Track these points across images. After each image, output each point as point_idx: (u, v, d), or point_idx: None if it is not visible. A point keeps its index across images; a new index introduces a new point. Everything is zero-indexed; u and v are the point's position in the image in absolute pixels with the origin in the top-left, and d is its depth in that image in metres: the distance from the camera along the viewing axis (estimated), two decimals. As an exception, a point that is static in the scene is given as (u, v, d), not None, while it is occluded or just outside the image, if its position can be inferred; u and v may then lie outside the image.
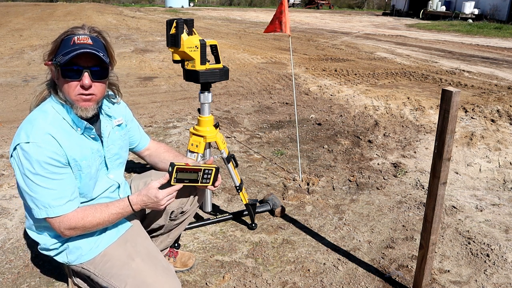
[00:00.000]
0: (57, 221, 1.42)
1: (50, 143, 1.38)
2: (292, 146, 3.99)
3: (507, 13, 23.10)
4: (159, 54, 9.42)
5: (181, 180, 1.57)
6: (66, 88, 1.42)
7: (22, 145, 1.36)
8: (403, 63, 8.96)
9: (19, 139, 1.38)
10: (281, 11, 2.98)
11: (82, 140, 1.49)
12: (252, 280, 2.08)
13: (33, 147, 1.35)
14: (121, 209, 1.51)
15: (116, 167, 1.68)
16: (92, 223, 1.46)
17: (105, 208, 1.49)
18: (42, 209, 1.40)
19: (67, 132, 1.45)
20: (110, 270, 1.51)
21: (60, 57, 1.38)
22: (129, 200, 1.53)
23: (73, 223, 1.43)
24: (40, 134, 1.38)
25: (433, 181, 1.76)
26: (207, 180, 1.65)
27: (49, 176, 1.38)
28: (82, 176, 1.49)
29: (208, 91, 2.28)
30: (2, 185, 3.01)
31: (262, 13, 31.98)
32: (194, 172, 1.60)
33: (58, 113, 1.45)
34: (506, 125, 4.54)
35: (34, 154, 1.35)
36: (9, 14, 22.50)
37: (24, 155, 1.36)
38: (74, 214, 1.44)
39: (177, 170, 1.54)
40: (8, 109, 4.99)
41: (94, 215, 1.46)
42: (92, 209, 1.48)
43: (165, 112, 5.03)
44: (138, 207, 1.54)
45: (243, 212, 2.65)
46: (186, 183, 1.59)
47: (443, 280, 2.12)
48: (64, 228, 1.43)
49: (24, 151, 1.36)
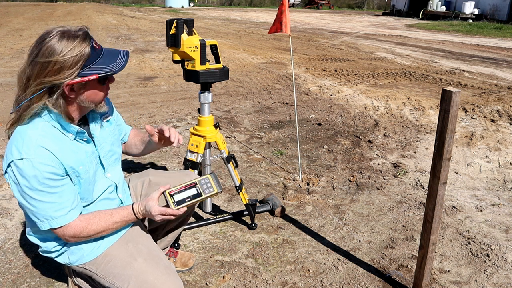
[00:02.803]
0: (61, 230, 1.41)
1: (45, 157, 1.32)
2: (292, 146, 3.99)
3: (507, 13, 23.09)
4: (159, 54, 9.42)
5: (182, 201, 1.51)
6: (94, 95, 1.40)
7: (16, 162, 1.30)
8: (403, 63, 8.96)
9: (12, 156, 1.31)
10: (282, 11, 2.98)
11: (75, 146, 1.44)
12: (252, 280, 2.08)
13: (28, 164, 1.30)
14: (124, 217, 1.51)
15: (112, 165, 1.65)
16: (96, 231, 1.46)
17: (109, 217, 1.48)
18: (45, 221, 1.38)
19: (59, 139, 1.39)
20: (112, 270, 1.51)
21: (98, 67, 1.35)
22: (132, 208, 1.52)
23: (77, 231, 1.42)
24: (33, 148, 1.31)
25: (433, 181, 1.76)
26: (211, 189, 1.56)
27: (48, 190, 1.34)
28: (82, 182, 1.46)
29: (208, 91, 2.28)
30: (2, 185, 3.01)
31: (262, 13, 31.98)
32: (190, 188, 1.53)
33: (46, 121, 1.38)
34: (506, 125, 4.54)
35: (30, 171, 1.30)
36: (9, 14, 22.50)
37: (20, 172, 1.30)
38: (78, 223, 1.42)
39: (169, 194, 1.49)
40: (8, 109, 4.99)
41: (99, 224, 1.46)
42: (97, 217, 1.46)
43: (165, 112, 5.03)
44: (140, 216, 1.54)
45: (243, 212, 2.65)
46: (189, 201, 1.52)
47: (443, 280, 2.12)
48: (68, 236, 1.42)
49: (19, 168, 1.30)
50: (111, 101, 1.72)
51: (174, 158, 3.60)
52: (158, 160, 3.55)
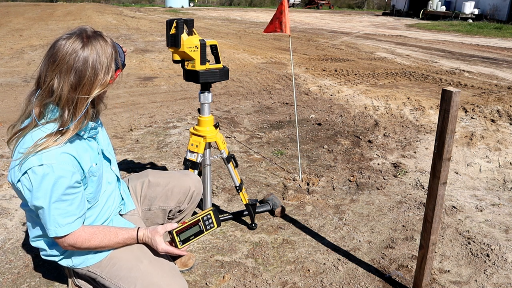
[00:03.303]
0: (62, 238, 1.40)
1: (66, 162, 1.30)
2: (292, 146, 3.99)
3: (507, 13, 23.09)
4: (159, 54, 9.42)
5: (187, 239, 1.55)
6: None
7: (35, 169, 1.26)
8: (403, 63, 8.96)
9: (30, 163, 1.26)
10: (281, 11, 2.98)
11: (87, 144, 1.46)
12: (252, 280, 2.08)
13: (48, 170, 1.26)
14: (127, 240, 1.52)
15: (113, 157, 1.67)
16: (96, 246, 1.46)
17: (113, 237, 1.48)
18: (51, 229, 1.36)
19: (75, 142, 1.39)
20: (118, 272, 1.51)
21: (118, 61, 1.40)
22: (137, 236, 1.52)
23: (78, 241, 1.41)
24: (55, 154, 1.27)
25: (433, 181, 1.76)
26: (211, 225, 1.62)
27: (64, 199, 1.33)
28: (94, 180, 1.46)
29: (208, 91, 2.28)
30: (2, 185, 3.01)
31: (262, 13, 31.98)
32: (194, 225, 1.57)
33: None
34: (506, 125, 4.54)
35: (49, 177, 1.26)
36: (9, 14, 22.50)
37: (37, 179, 1.26)
38: (81, 233, 1.41)
39: (176, 233, 1.52)
40: (8, 109, 4.99)
41: (101, 240, 1.45)
42: (101, 233, 1.46)
43: (165, 112, 5.03)
44: (142, 242, 1.55)
45: (243, 212, 2.65)
46: (193, 239, 1.57)
47: (443, 280, 2.12)
48: (67, 244, 1.41)
49: (36, 175, 1.26)
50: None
51: (174, 158, 3.60)
52: (158, 160, 3.55)
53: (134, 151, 3.76)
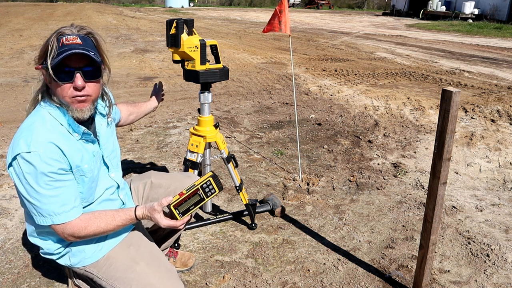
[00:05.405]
0: (60, 227, 1.40)
1: (53, 152, 1.34)
2: (292, 146, 3.99)
3: (507, 13, 23.09)
4: (159, 54, 9.42)
5: (187, 210, 1.49)
6: (59, 91, 1.38)
7: (23, 155, 1.31)
8: (403, 63, 8.96)
9: (19, 149, 1.32)
10: (281, 11, 2.98)
11: (81, 145, 1.46)
12: (252, 280, 2.08)
13: (36, 157, 1.31)
14: (126, 221, 1.50)
15: (115, 165, 1.67)
16: (95, 232, 1.45)
17: (111, 220, 1.47)
18: (47, 216, 1.37)
19: (66, 137, 1.41)
20: (114, 273, 1.50)
21: (50, 60, 1.33)
22: (135, 213, 1.50)
23: (76, 230, 1.42)
24: (42, 143, 1.33)
25: (433, 181, 1.76)
26: (213, 191, 1.53)
27: (53, 185, 1.35)
28: (85, 180, 1.46)
29: (208, 91, 2.28)
30: (2, 185, 3.01)
31: (262, 13, 31.98)
32: (194, 195, 1.51)
33: (55, 119, 1.41)
34: (506, 125, 4.54)
35: (37, 164, 1.31)
36: (9, 14, 22.50)
37: (26, 165, 1.31)
38: (78, 222, 1.42)
39: (174, 207, 1.47)
40: (8, 109, 4.99)
41: (99, 225, 1.45)
42: (98, 218, 1.45)
43: (165, 112, 5.03)
44: (142, 219, 1.54)
45: (243, 212, 2.65)
46: (193, 208, 1.50)
47: (443, 280, 2.12)
48: (67, 234, 1.42)
49: (25, 161, 1.31)
50: (113, 98, 1.74)
51: (174, 158, 3.60)
52: (158, 160, 3.55)
53: (134, 151, 3.76)
